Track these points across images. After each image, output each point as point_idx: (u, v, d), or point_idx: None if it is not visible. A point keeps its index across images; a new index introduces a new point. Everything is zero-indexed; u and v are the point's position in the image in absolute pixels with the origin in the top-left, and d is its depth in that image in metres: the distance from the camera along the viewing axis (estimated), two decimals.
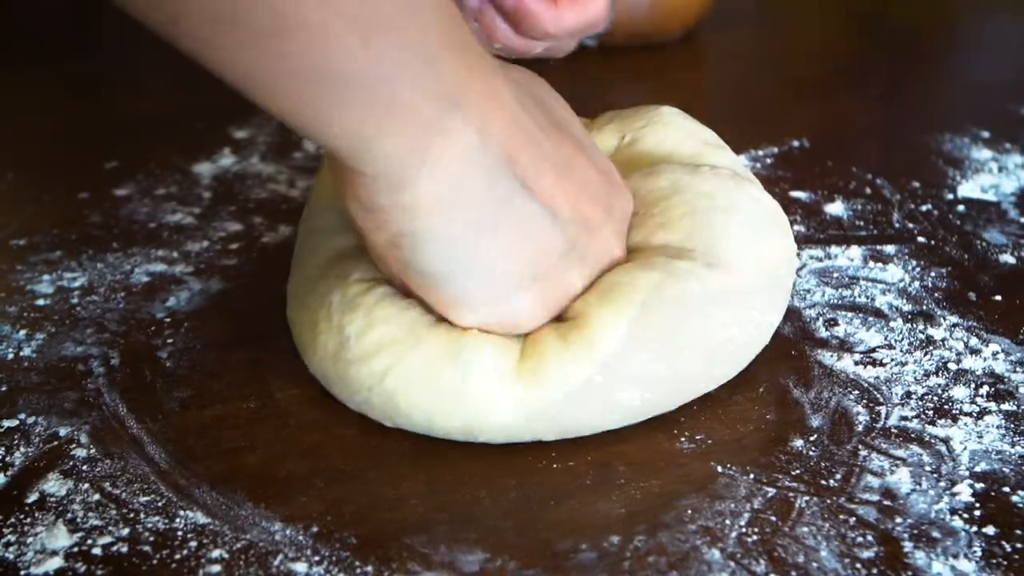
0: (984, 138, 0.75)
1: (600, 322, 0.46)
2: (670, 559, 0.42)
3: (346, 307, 0.47)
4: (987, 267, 0.60)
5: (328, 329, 0.47)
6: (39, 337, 0.54)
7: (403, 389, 0.46)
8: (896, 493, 0.45)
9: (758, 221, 0.51)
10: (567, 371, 0.46)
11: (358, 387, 0.47)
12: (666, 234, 0.50)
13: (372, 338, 0.46)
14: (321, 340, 0.48)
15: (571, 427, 0.47)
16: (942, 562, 0.42)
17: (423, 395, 0.46)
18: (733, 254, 0.49)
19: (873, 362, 0.53)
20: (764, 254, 0.50)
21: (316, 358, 0.48)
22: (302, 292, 0.51)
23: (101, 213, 0.65)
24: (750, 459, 0.47)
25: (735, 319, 0.49)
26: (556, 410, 0.46)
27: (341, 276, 0.49)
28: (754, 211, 0.51)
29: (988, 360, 0.53)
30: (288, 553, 0.42)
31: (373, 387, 0.46)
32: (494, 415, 0.46)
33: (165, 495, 0.45)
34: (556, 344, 0.46)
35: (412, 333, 0.46)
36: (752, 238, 0.50)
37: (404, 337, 0.46)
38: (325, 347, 0.48)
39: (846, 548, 0.42)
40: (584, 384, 0.46)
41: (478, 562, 0.42)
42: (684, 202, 0.51)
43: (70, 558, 0.42)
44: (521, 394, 0.46)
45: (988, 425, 0.48)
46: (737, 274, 0.49)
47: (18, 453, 0.47)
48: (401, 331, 0.46)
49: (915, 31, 1.00)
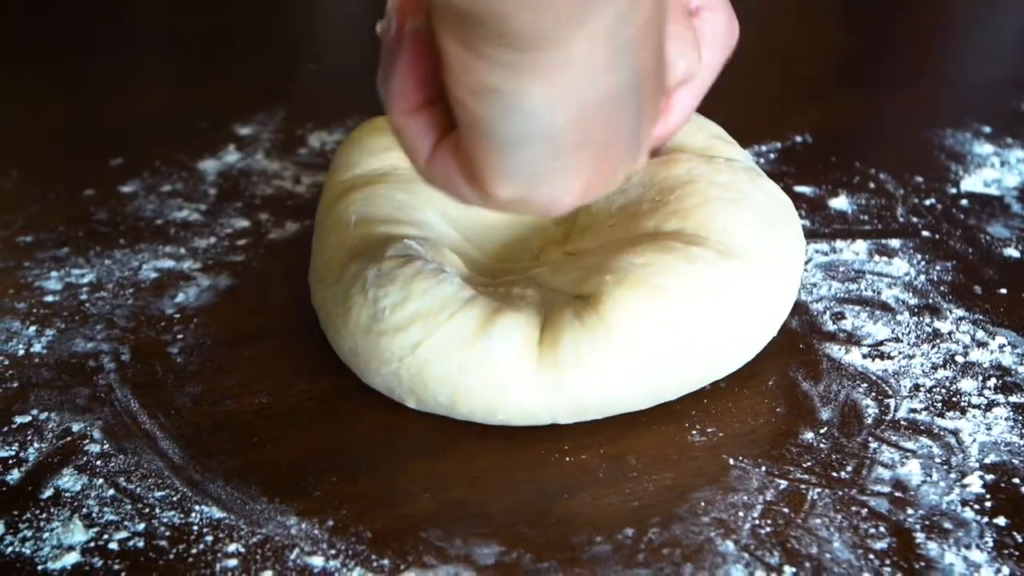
0: (986, 133, 0.75)
1: (616, 303, 0.47)
2: (684, 551, 0.42)
3: (382, 280, 0.48)
4: (991, 261, 0.61)
5: (363, 302, 0.48)
6: (49, 333, 0.54)
7: (434, 360, 0.46)
8: (907, 485, 0.45)
9: (770, 213, 0.52)
10: (583, 351, 0.46)
11: (388, 357, 0.47)
12: (680, 221, 0.50)
13: (408, 310, 0.47)
14: (354, 313, 0.48)
15: (587, 409, 0.47)
16: (954, 553, 0.42)
17: (451, 368, 0.46)
18: (746, 243, 0.50)
19: (881, 355, 0.53)
20: (775, 245, 0.51)
21: (347, 331, 0.49)
22: (332, 274, 0.51)
23: (107, 210, 0.65)
24: (761, 451, 0.47)
25: (746, 307, 0.49)
26: (572, 391, 0.46)
27: (376, 254, 0.49)
28: (767, 204, 0.52)
29: (995, 353, 0.53)
30: (304, 547, 0.42)
31: (404, 358, 0.47)
32: (515, 394, 0.46)
33: (180, 490, 0.45)
34: (573, 324, 0.47)
35: (445, 307, 0.47)
36: (764, 229, 0.51)
37: (438, 311, 0.47)
38: (358, 320, 0.48)
39: (859, 539, 0.42)
40: (600, 365, 0.46)
41: (493, 555, 0.42)
42: (698, 191, 0.51)
43: (87, 553, 0.42)
44: (540, 374, 0.46)
45: (997, 417, 0.49)
46: (749, 262, 0.49)
47: (32, 449, 0.47)
48: (436, 304, 0.47)
49: (916, 27, 1.00)
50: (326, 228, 0.54)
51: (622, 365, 0.46)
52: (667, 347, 0.47)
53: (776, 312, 0.51)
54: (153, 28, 0.95)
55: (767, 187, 0.53)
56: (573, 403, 0.47)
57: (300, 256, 0.57)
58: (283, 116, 0.77)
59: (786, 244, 0.51)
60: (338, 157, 0.59)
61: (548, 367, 0.46)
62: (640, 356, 0.47)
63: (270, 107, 0.78)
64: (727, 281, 0.48)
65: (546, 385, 0.46)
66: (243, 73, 0.86)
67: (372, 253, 0.50)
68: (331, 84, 0.84)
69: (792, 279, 0.52)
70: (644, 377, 0.47)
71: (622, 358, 0.46)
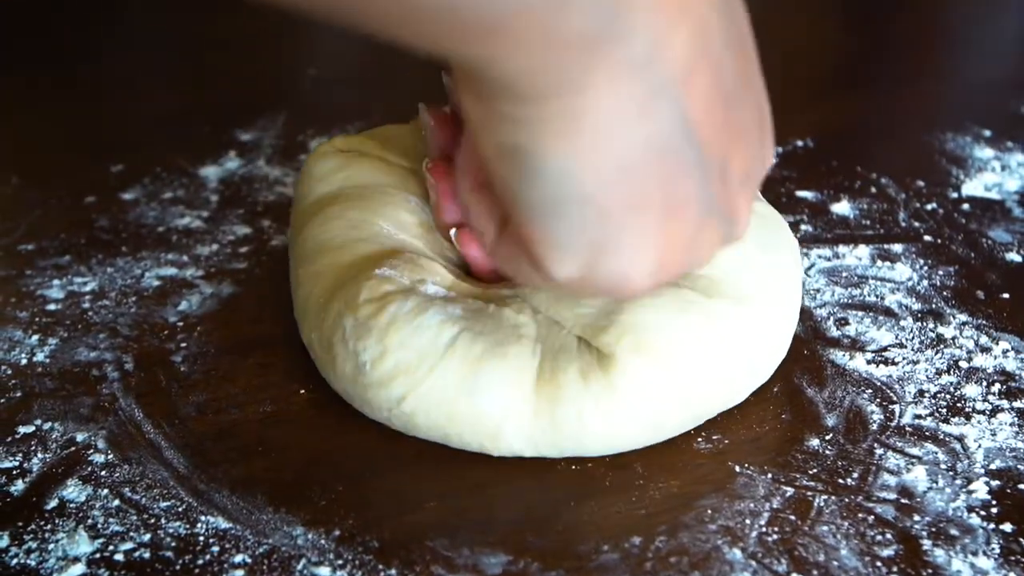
0: (986, 137, 0.75)
1: (630, 371, 0.45)
2: (692, 559, 0.42)
3: (360, 331, 0.47)
4: (994, 265, 0.61)
5: (345, 353, 0.47)
6: (52, 342, 0.54)
7: (421, 412, 0.46)
8: (913, 491, 0.45)
9: (768, 239, 0.51)
10: (585, 415, 0.45)
11: (378, 408, 0.47)
12: None
13: (387, 365, 0.46)
14: (339, 363, 0.48)
15: (583, 454, 0.47)
16: (961, 559, 0.42)
17: (440, 418, 0.46)
18: (758, 284, 0.49)
19: (885, 361, 0.53)
20: (784, 273, 0.50)
21: (336, 378, 0.49)
22: (313, 314, 0.50)
23: (109, 217, 0.65)
24: (767, 459, 0.47)
25: (755, 353, 0.49)
26: (569, 444, 0.46)
27: (351, 298, 0.48)
28: (762, 230, 0.50)
29: (999, 358, 0.53)
30: (311, 557, 0.42)
31: (392, 409, 0.47)
32: (506, 441, 0.46)
33: (185, 500, 0.45)
34: (578, 385, 0.45)
35: (424, 360, 0.46)
36: (769, 260, 0.50)
37: (416, 365, 0.46)
38: (344, 370, 0.48)
39: (866, 546, 0.42)
40: (601, 426, 0.46)
41: (501, 564, 0.42)
42: None
43: (92, 564, 0.42)
44: (535, 423, 0.46)
45: (1001, 423, 0.49)
46: (764, 304, 0.49)
47: (36, 459, 0.47)
48: (415, 357, 0.46)
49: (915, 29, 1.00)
50: (296, 260, 0.53)
51: (626, 427, 0.46)
52: (674, 409, 0.47)
53: (782, 346, 0.50)
54: (152, 33, 0.94)
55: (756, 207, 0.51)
56: (569, 451, 0.46)
57: None
58: (284, 122, 0.77)
59: (791, 268, 0.51)
60: (295, 190, 0.58)
61: (545, 422, 0.45)
62: (645, 419, 0.46)
63: (271, 113, 0.78)
64: (745, 336, 0.48)
65: (541, 436, 0.46)
66: (243, 78, 0.86)
67: (348, 294, 0.48)
68: (331, 89, 0.84)
69: (797, 299, 0.51)
70: (645, 431, 0.47)
71: (626, 423, 0.46)
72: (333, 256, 0.51)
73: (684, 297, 0.47)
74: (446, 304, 0.47)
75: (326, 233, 0.52)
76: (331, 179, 0.56)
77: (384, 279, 0.48)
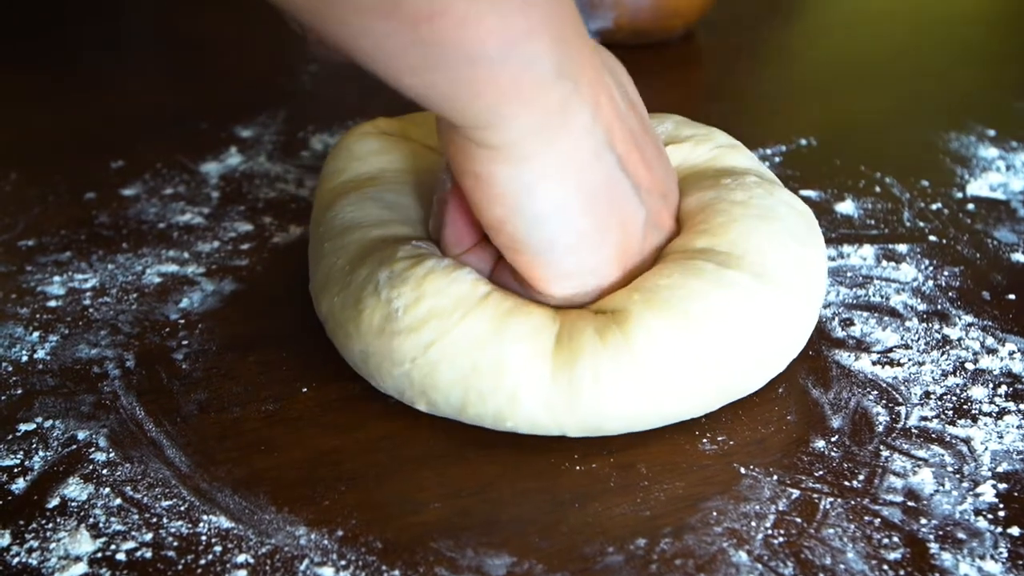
0: (991, 137, 0.75)
1: (643, 326, 0.45)
2: (697, 561, 0.42)
3: (395, 280, 0.47)
4: (999, 266, 0.61)
5: (375, 304, 0.47)
6: (52, 339, 0.54)
7: (446, 361, 0.46)
8: (920, 494, 0.45)
9: (796, 228, 0.51)
10: (602, 373, 0.45)
11: (401, 358, 0.47)
12: (710, 239, 0.49)
13: (421, 310, 0.46)
14: (366, 315, 0.47)
15: (598, 427, 0.46)
16: (969, 563, 0.42)
17: (463, 370, 0.46)
18: (779, 265, 0.48)
19: (891, 362, 0.53)
20: (807, 265, 0.50)
21: (359, 334, 0.48)
22: (336, 281, 0.50)
23: (109, 213, 0.65)
24: (773, 460, 0.47)
25: (774, 333, 0.48)
26: (585, 410, 0.46)
27: (386, 258, 0.49)
28: (790, 217, 0.51)
29: (1005, 360, 0.53)
30: (314, 558, 0.42)
31: (417, 358, 0.46)
32: (524, 402, 0.46)
33: (187, 499, 0.45)
34: (594, 342, 0.45)
35: (459, 307, 0.46)
36: (796, 249, 0.50)
37: (451, 311, 0.46)
38: (371, 322, 0.47)
39: (872, 550, 0.42)
40: (618, 388, 0.45)
41: (505, 566, 0.42)
42: (721, 211, 0.50)
43: (94, 564, 0.41)
44: (552, 387, 0.45)
45: (1008, 425, 0.49)
46: (784, 287, 0.48)
47: (37, 457, 0.47)
48: (450, 303, 0.46)
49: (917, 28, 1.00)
50: (319, 236, 0.54)
51: (641, 390, 0.46)
52: (689, 374, 0.46)
53: (800, 335, 0.50)
54: (153, 29, 0.94)
55: (786, 198, 0.52)
56: (585, 420, 0.46)
57: (304, 260, 0.56)
58: (284, 118, 0.77)
59: (816, 262, 0.51)
60: (327, 165, 0.58)
61: (562, 383, 0.45)
62: (661, 383, 0.46)
63: (271, 109, 0.78)
64: (759, 308, 0.47)
65: (558, 399, 0.45)
66: (244, 74, 0.85)
67: (381, 257, 0.49)
68: (332, 85, 0.84)
69: (817, 300, 0.51)
70: (661, 402, 0.46)
71: (642, 383, 0.46)
72: (363, 232, 0.52)
73: (699, 266, 0.48)
74: (476, 276, 0.49)
75: (360, 211, 0.53)
76: (371, 160, 0.57)
77: (419, 247, 0.50)
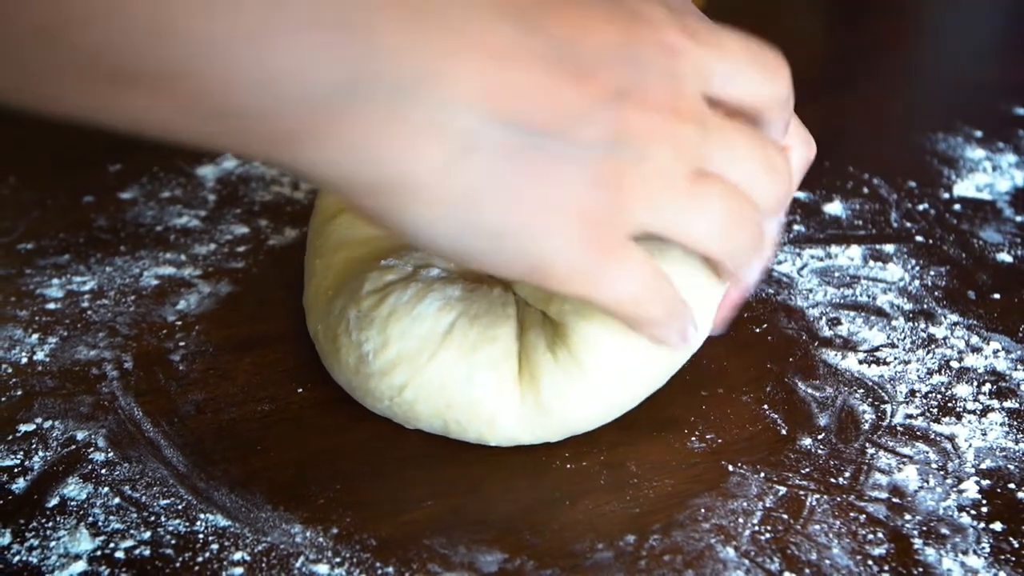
0: (977, 138, 0.76)
1: (583, 338, 0.46)
2: (686, 558, 0.43)
3: (363, 323, 0.48)
4: (985, 266, 0.61)
5: (348, 344, 0.48)
6: (51, 341, 0.54)
7: (421, 401, 0.47)
8: (904, 491, 0.46)
9: None
10: (563, 390, 0.46)
11: (379, 396, 0.48)
12: None
13: (389, 353, 0.47)
14: (343, 354, 0.49)
15: (572, 428, 0.48)
16: (952, 558, 0.42)
17: (438, 406, 0.47)
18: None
19: (877, 360, 0.53)
20: None
21: (340, 369, 0.49)
22: (320, 306, 0.51)
23: (107, 216, 0.65)
24: (760, 458, 0.48)
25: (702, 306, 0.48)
26: (557, 421, 0.47)
27: (355, 291, 0.49)
28: None
29: (989, 358, 0.54)
30: (309, 555, 0.43)
31: (394, 397, 0.47)
32: (502, 427, 0.47)
33: (185, 498, 0.45)
34: (545, 358, 0.46)
35: (425, 348, 0.47)
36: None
37: (418, 353, 0.47)
38: (347, 361, 0.49)
39: (857, 545, 0.43)
40: (580, 397, 0.46)
41: (497, 562, 0.42)
42: None
43: (93, 562, 0.42)
44: (523, 407, 0.47)
45: (992, 423, 0.49)
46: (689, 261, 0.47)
47: (36, 457, 0.47)
48: (415, 346, 0.47)
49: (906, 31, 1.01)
50: (314, 250, 0.54)
51: (602, 394, 0.47)
52: (639, 362, 0.47)
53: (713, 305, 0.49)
54: None
55: None
56: (561, 428, 0.47)
57: (300, 263, 0.57)
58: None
59: None
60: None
61: (531, 404, 0.47)
62: (618, 383, 0.47)
63: None
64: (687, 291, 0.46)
65: (532, 418, 0.47)
66: None
67: (352, 287, 0.50)
68: None
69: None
70: (626, 393, 0.47)
71: (597, 389, 0.46)
72: (351, 250, 0.52)
73: None
74: (445, 287, 0.49)
75: (352, 227, 0.53)
76: None
77: (387, 268, 0.50)
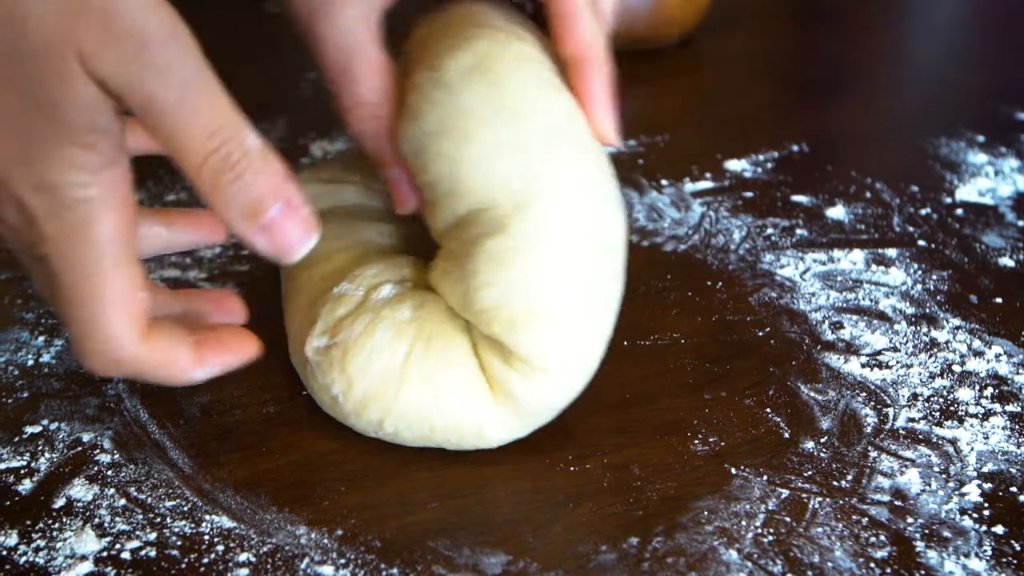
0: (979, 142, 0.76)
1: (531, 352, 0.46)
2: (689, 560, 0.43)
3: (323, 366, 0.48)
4: (987, 270, 0.62)
5: (319, 386, 0.49)
6: (58, 343, 0.55)
7: (403, 430, 0.48)
8: (906, 494, 0.46)
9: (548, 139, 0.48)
10: (531, 389, 0.46)
11: (363, 429, 0.49)
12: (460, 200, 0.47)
13: (356, 394, 0.47)
14: (317, 393, 0.50)
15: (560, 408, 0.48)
16: (954, 561, 0.43)
17: (422, 432, 0.47)
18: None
19: (879, 364, 0.54)
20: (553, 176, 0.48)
21: (321, 403, 0.50)
22: (293, 338, 0.52)
23: None
24: (763, 461, 0.48)
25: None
26: (538, 416, 0.48)
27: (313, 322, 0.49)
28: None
29: (991, 362, 0.54)
30: (314, 556, 0.43)
31: (376, 431, 0.48)
32: (492, 434, 0.48)
33: (190, 500, 0.45)
34: (509, 374, 0.46)
35: (388, 384, 0.47)
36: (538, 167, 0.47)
37: (383, 389, 0.47)
38: (322, 399, 0.49)
39: (860, 548, 0.43)
40: (553, 392, 0.47)
41: (501, 564, 0.43)
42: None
43: (99, 563, 0.42)
44: (506, 415, 0.47)
45: (994, 426, 0.50)
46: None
47: (43, 459, 0.47)
48: (379, 382, 0.47)
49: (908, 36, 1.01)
50: (284, 273, 0.55)
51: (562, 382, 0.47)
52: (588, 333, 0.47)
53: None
54: None
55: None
56: (548, 416, 0.48)
57: None
58: (285, 125, 0.78)
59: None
60: None
61: (511, 409, 0.47)
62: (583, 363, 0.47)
63: (271, 116, 0.79)
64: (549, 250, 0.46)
65: (516, 421, 0.47)
66: (243, 82, 0.86)
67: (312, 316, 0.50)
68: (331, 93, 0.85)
69: None
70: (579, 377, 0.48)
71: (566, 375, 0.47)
72: (313, 269, 0.52)
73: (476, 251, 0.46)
74: (394, 311, 0.48)
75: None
76: (318, 201, 0.55)
77: (339, 299, 0.49)
